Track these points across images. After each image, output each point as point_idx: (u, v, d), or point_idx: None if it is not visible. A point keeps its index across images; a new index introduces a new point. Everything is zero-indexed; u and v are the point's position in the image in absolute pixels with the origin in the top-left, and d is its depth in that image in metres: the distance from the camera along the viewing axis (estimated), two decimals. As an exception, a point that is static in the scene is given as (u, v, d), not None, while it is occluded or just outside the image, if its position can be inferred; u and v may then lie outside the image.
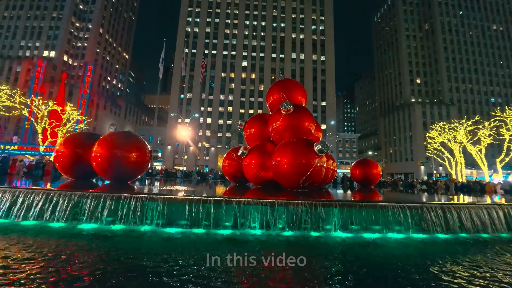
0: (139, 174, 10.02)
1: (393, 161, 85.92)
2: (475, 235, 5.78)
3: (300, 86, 12.43)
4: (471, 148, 35.63)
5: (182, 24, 74.93)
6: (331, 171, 11.66)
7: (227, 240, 4.99)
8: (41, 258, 3.81)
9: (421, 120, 75.73)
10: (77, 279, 3.18)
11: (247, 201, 5.34)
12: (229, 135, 69.52)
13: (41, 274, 3.26)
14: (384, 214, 5.47)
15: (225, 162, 12.21)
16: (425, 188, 23.59)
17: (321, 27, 77.09)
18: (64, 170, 9.75)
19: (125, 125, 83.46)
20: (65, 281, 3.10)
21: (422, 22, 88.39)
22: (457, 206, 5.72)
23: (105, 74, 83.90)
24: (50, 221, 5.53)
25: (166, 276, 3.30)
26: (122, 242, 4.86)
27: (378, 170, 16.05)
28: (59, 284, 3.01)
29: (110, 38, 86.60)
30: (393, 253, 4.87)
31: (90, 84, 67.16)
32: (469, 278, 3.63)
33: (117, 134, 9.81)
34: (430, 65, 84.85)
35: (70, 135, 10.38)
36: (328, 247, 4.96)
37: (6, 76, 67.21)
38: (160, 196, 5.60)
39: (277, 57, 74.76)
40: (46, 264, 3.62)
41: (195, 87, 70.06)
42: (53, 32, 73.84)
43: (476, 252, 4.94)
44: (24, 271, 3.28)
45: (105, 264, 3.78)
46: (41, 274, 3.26)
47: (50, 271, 3.38)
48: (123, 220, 5.40)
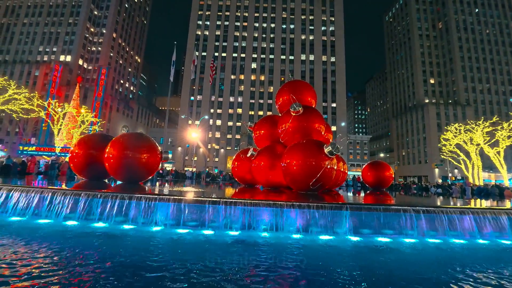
0: (150, 175, 10.16)
1: (406, 163, 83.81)
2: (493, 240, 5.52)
3: (310, 87, 12.30)
4: (489, 150, 34.25)
5: (193, 27, 76.05)
6: (341, 173, 11.44)
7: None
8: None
9: (435, 121, 73.60)
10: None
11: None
12: (239, 136, 69.79)
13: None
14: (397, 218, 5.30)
15: (234, 163, 12.18)
16: (440, 192, 22.84)
17: (331, 28, 76.43)
18: (79, 171, 10.00)
19: (137, 127, 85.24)
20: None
21: (436, 21, 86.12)
22: (474, 211, 5.48)
23: (118, 77, 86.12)
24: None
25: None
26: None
27: (391, 173, 15.63)
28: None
29: (123, 42, 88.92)
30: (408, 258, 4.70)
31: (104, 87, 69.00)
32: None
33: (129, 135, 10.00)
34: (444, 65, 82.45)
35: (84, 137, 10.64)
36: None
37: (25, 80, 70.05)
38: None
39: (287, 59, 74.61)
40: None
41: (205, 89, 70.84)
42: (69, 37, 76.54)
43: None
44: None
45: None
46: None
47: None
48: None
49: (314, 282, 3.47)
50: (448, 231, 5.40)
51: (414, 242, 5.24)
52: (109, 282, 3.10)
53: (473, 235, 5.46)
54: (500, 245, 5.44)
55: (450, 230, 5.44)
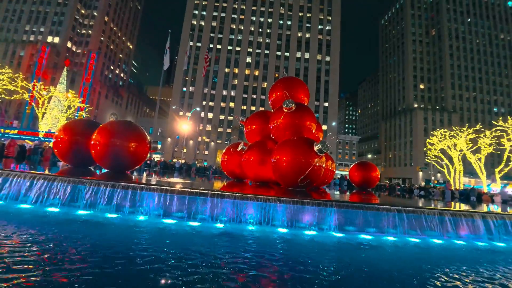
0: (138, 164, 9.98)
1: (392, 165, 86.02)
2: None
3: (304, 85, 12.33)
4: (471, 156, 35.60)
5: (188, 16, 74.48)
6: (329, 171, 11.63)
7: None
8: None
9: (423, 126, 75.68)
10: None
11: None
12: (230, 130, 69.46)
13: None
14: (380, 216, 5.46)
15: (224, 157, 12.12)
16: (423, 194, 23.62)
17: (328, 27, 76.60)
18: (63, 157, 9.71)
19: (126, 116, 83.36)
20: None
21: (430, 28, 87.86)
22: (453, 213, 5.71)
23: (108, 63, 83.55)
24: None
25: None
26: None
27: (377, 174, 16.02)
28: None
29: (115, 27, 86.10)
30: (387, 256, 4.87)
31: (93, 72, 66.83)
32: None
33: (117, 123, 9.75)
34: (434, 71, 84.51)
35: (70, 122, 10.31)
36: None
37: (9, 60, 66.92)
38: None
39: (282, 55, 74.40)
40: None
41: (198, 81, 69.86)
42: (58, 18, 73.39)
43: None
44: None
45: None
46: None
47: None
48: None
49: (296, 272, 3.55)
50: (428, 231, 5.61)
51: (395, 240, 5.43)
52: (92, 266, 3.05)
53: (451, 236, 5.70)
54: (475, 246, 5.70)
55: (430, 230, 5.66)
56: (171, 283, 2.93)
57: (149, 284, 2.84)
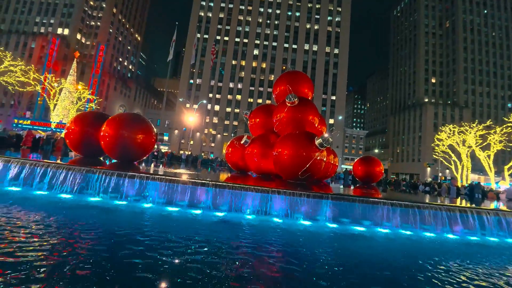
0: (145, 155, 10.37)
1: (399, 160, 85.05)
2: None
3: (308, 79, 12.39)
4: (480, 153, 34.94)
5: (196, 8, 74.02)
6: (331, 165, 11.80)
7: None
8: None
9: (432, 121, 74.18)
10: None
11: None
12: (236, 123, 69.70)
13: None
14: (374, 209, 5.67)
15: (228, 150, 12.43)
16: (427, 190, 23.52)
17: (337, 19, 74.99)
18: (74, 147, 10.16)
19: (134, 107, 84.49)
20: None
21: (444, 19, 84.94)
22: (448, 208, 5.85)
23: (117, 55, 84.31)
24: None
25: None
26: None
27: (381, 169, 16.07)
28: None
29: (123, 18, 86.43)
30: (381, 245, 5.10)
31: (102, 64, 67.66)
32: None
33: (125, 115, 10.10)
34: (447, 65, 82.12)
35: (81, 114, 10.73)
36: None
37: (21, 51, 68.30)
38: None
39: (290, 47, 73.48)
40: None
41: (205, 73, 69.95)
42: (67, 9, 74.10)
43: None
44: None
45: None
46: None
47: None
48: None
49: (289, 256, 3.84)
50: (421, 225, 5.79)
51: (387, 233, 5.64)
52: (101, 245, 3.39)
53: (444, 231, 5.86)
54: (467, 240, 5.86)
55: (423, 224, 5.83)
56: (172, 260, 3.25)
57: (151, 262, 3.15)
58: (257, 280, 3.00)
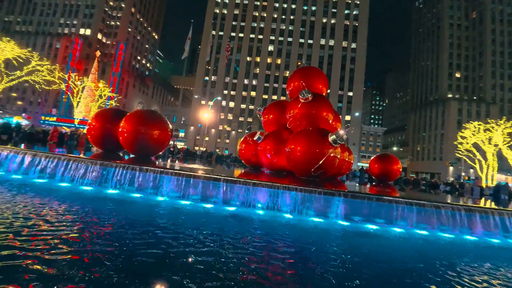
0: (161, 150, 10.71)
1: (419, 159, 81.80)
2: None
3: (322, 75, 12.18)
4: (508, 152, 32.90)
5: (211, 5, 74.40)
6: (345, 162, 11.58)
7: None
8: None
9: (456, 118, 70.51)
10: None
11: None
12: (251, 120, 69.84)
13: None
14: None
15: (241, 146, 12.52)
16: (449, 190, 22.51)
17: (355, 12, 72.72)
18: (95, 142, 10.66)
19: (152, 104, 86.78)
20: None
21: (470, 10, 79.94)
22: (467, 208, 5.59)
23: (135, 53, 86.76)
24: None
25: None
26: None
27: (398, 167, 15.56)
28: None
29: (142, 17, 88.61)
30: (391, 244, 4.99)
31: (121, 62, 69.96)
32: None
33: (142, 112, 10.44)
34: (473, 59, 77.44)
35: (101, 111, 11.21)
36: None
37: (47, 52, 71.94)
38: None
39: (305, 43, 72.25)
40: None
41: (220, 70, 70.42)
42: (89, 10, 77.02)
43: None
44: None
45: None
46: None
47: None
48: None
49: (298, 252, 3.85)
50: (438, 225, 5.58)
51: (401, 232, 5.49)
52: (118, 232, 3.59)
53: (463, 232, 5.62)
54: (488, 243, 5.59)
55: (441, 224, 5.62)
56: (183, 248, 3.38)
57: (164, 247, 3.31)
58: (265, 275, 3.05)
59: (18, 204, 4.57)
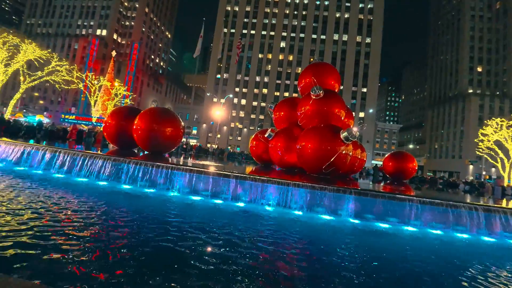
0: (173, 147, 10.92)
1: (437, 157, 78.95)
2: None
3: (334, 71, 11.98)
4: (534, 149, 31.13)
5: (223, 2, 74.52)
6: (358, 159, 11.38)
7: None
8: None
9: (477, 114, 67.34)
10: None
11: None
12: (262, 117, 69.73)
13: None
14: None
15: (252, 143, 12.56)
16: (468, 189, 21.62)
17: (370, 5, 70.62)
18: (111, 140, 11.01)
19: (165, 102, 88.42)
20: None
21: (493, 1, 75.73)
22: (485, 208, 5.35)
23: (149, 52, 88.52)
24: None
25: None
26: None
27: (414, 165, 15.12)
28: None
29: (155, 17, 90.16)
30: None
31: (136, 62, 71.59)
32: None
33: (155, 109, 10.68)
34: (496, 52, 73.43)
35: (116, 109, 11.55)
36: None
37: (66, 52, 74.74)
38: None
39: (318, 38, 71.01)
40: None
41: (231, 68, 70.58)
42: (104, 11, 79.18)
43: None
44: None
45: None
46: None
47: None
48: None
49: (305, 249, 3.85)
50: (454, 225, 5.39)
51: (414, 231, 5.35)
52: (132, 226, 3.72)
53: (480, 232, 5.40)
54: (507, 244, 5.34)
55: (457, 224, 5.42)
56: (193, 241, 3.46)
57: (175, 240, 3.40)
58: (276, 271, 3.07)
59: (47, 197, 4.87)
